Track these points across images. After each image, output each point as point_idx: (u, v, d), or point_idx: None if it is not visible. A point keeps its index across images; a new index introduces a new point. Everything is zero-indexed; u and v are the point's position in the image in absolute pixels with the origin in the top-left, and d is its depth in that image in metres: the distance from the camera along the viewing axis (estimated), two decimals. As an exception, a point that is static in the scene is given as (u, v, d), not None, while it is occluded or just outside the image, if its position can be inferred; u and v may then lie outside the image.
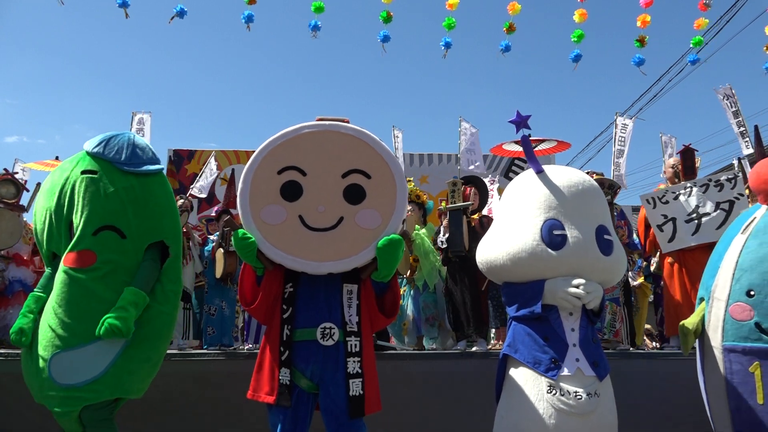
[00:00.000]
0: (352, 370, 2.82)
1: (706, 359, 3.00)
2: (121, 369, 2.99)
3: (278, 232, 2.89)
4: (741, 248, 2.92)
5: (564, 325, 2.92)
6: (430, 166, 11.08)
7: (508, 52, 6.70)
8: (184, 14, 6.10)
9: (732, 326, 2.83)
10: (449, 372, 4.53)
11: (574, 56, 6.67)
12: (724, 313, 2.87)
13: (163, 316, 3.23)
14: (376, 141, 3.01)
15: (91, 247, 3.11)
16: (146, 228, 3.22)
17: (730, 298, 2.86)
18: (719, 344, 2.87)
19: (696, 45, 6.88)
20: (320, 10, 6.27)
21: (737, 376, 2.78)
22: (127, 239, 3.16)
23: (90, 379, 2.93)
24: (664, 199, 5.11)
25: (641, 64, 6.78)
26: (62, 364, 2.96)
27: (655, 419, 4.39)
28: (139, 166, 3.28)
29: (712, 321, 2.94)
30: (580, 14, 6.53)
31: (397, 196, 2.95)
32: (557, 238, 2.91)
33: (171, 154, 10.98)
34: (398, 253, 2.91)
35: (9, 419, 4.32)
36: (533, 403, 2.79)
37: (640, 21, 6.61)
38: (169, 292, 3.27)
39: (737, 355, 2.78)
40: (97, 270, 3.07)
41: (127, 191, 3.20)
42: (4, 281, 5.17)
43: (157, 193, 3.32)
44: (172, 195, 3.46)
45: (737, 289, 2.84)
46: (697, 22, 6.81)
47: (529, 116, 3.28)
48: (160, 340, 3.22)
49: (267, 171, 2.94)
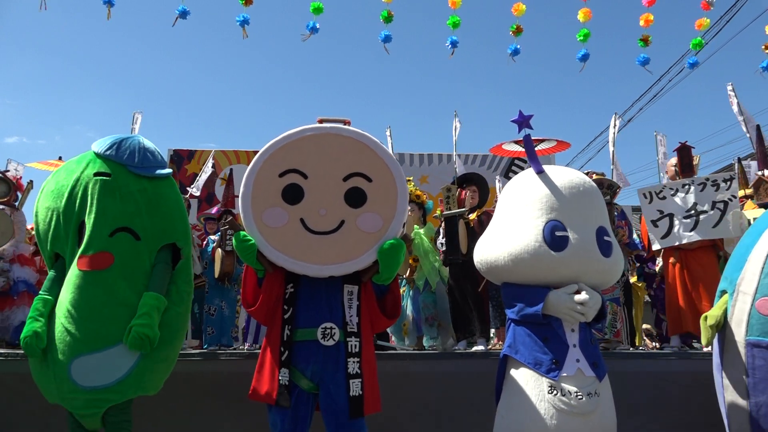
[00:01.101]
0: (351, 371, 2.84)
1: (725, 353, 2.93)
2: (143, 369, 3.05)
3: (280, 235, 2.90)
4: None
5: (564, 326, 2.93)
6: (429, 166, 11.08)
7: (517, 55, 6.53)
8: (187, 15, 6.00)
9: (758, 321, 2.76)
10: (449, 372, 4.53)
11: (582, 56, 6.47)
12: (750, 307, 2.80)
13: (180, 317, 3.31)
14: (378, 144, 3.02)
15: (108, 248, 3.12)
16: (159, 230, 3.27)
17: (757, 292, 2.79)
18: (743, 339, 2.82)
19: (695, 47, 6.77)
20: (319, 11, 6.22)
21: (759, 372, 2.72)
22: (141, 241, 3.20)
23: (114, 381, 2.97)
24: (661, 194, 5.11)
25: (646, 63, 6.59)
26: (85, 367, 2.97)
27: (654, 419, 4.39)
28: (151, 170, 3.33)
29: (735, 314, 2.88)
30: (585, 13, 6.37)
31: (398, 199, 2.96)
32: (559, 239, 2.91)
33: (171, 154, 10.97)
34: (400, 257, 2.93)
35: (9, 419, 4.33)
36: (534, 404, 2.79)
37: (643, 20, 6.46)
38: (184, 293, 3.35)
39: (761, 351, 2.72)
40: (116, 271, 3.10)
41: (141, 193, 3.24)
42: (8, 282, 5.19)
43: (168, 195, 3.38)
44: (181, 198, 3.52)
45: (765, 283, 2.78)
46: (698, 22, 6.66)
47: (531, 116, 3.28)
48: (177, 339, 3.30)
49: (268, 174, 2.95)
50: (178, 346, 3.34)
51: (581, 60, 6.49)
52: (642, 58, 6.55)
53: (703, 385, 3.54)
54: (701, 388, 3.68)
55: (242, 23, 6.14)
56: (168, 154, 10.97)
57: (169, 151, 10.99)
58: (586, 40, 6.41)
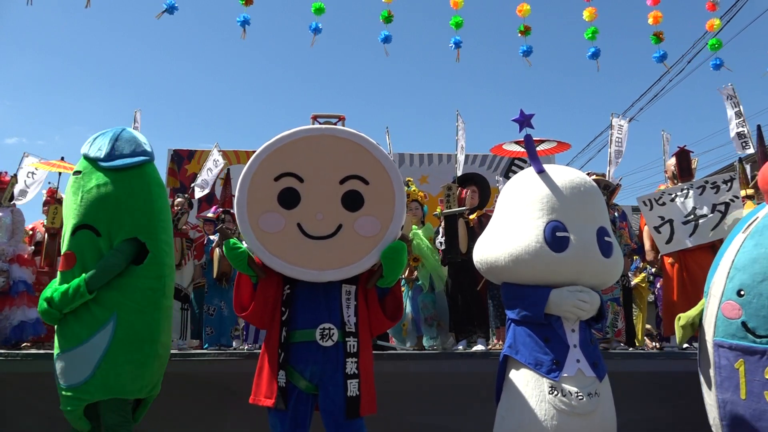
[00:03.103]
0: (349, 371, 2.83)
1: (701, 352, 3.10)
2: (106, 371, 3.03)
3: (277, 240, 2.88)
4: (739, 247, 2.96)
5: (565, 327, 2.93)
6: (429, 166, 11.06)
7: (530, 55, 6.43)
8: (174, 10, 5.81)
9: (722, 323, 2.91)
10: (449, 372, 4.53)
11: (592, 53, 6.36)
12: (717, 309, 2.94)
13: (143, 316, 3.16)
14: (374, 145, 2.98)
15: (72, 248, 3.18)
16: (118, 224, 3.18)
17: (723, 296, 2.93)
18: (711, 339, 2.96)
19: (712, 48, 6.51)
20: (321, 12, 6.19)
21: (724, 371, 2.87)
22: (101, 237, 3.17)
23: (83, 380, 3.03)
24: (660, 200, 5.12)
25: (664, 59, 6.47)
26: (63, 366, 3.09)
27: (654, 419, 4.39)
28: (118, 162, 3.24)
29: (707, 316, 3.03)
30: (590, 12, 6.29)
31: (395, 202, 2.94)
32: (560, 239, 2.91)
33: (171, 154, 10.95)
34: (403, 260, 2.93)
35: (10, 419, 4.33)
36: (535, 404, 2.79)
37: (652, 18, 6.35)
38: (147, 291, 3.19)
39: (725, 351, 2.88)
40: (78, 270, 3.12)
41: (99, 188, 3.19)
42: (8, 281, 5.19)
43: (134, 187, 3.25)
44: (152, 188, 3.33)
45: (730, 287, 2.90)
46: (709, 23, 6.51)
47: (532, 115, 3.28)
48: (141, 341, 3.14)
49: (264, 178, 2.92)
50: (145, 347, 3.16)
51: (592, 58, 6.37)
52: (659, 53, 6.39)
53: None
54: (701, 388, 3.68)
55: (243, 24, 6.10)
56: (168, 154, 10.97)
57: (169, 151, 10.98)
58: (595, 37, 6.32)
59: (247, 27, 6.12)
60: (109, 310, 3.08)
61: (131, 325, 3.11)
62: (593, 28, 6.29)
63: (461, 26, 6.39)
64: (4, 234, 5.29)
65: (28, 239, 5.73)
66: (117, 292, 3.12)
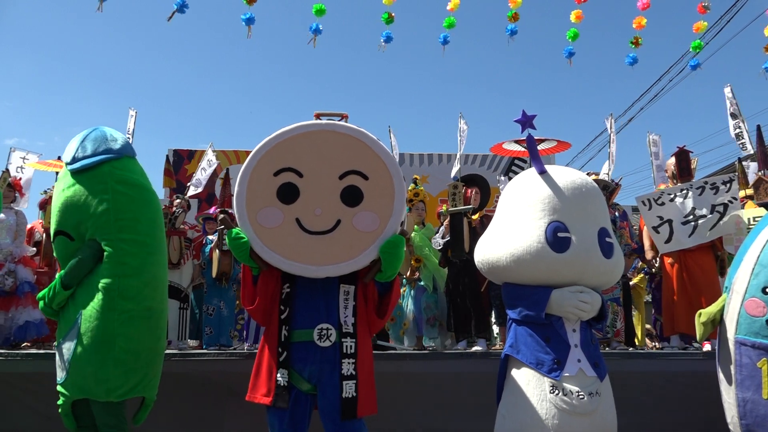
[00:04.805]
0: (346, 372, 2.81)
1: (721, 349, 3.03)
2: (77, 372, 3.04)
3: (275, 235, 2.87)
4: (765, 243, 2.89)
5: (566, 326, 2.93)
6: (430, 166, 11.06)
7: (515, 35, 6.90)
8: (185, 9, 5.77)
9: (745, 320, 2.83)
10: (449, 372, 4.53)
11: (568, 53, 6.98)
12: (740, 306, 2.87)
13: (99, 316, 3.02)
14: (374, 141, 2.97)
15: (55, 253, 3.28)
16: (86, 226, 3.16)
17: (747, 293, 2.85)
18: (732, 336, 2.89)
19: (695, 49, 6.98)
20: (321, 13, 6.19)
21: (746, 369, 2.80)
22: (74, 241, 3.19)
23: (63, 378, 3.09)
24: (660, 200, 5.12)
25: (634, 63, 7.05)
26: (56, 362, 3.15)
27: (654, 419, 4.39)
28: (75, 163, 3.19)
29: (729, 312, 2.95)
30: (576, 15, 6.77)
31: (395, 197, 2.92)
32: (561, 240, 2.90)
33: (171, 154, 10.94)
34: (401, 252, 2.91)
35: (10, 419, 4.32)
36: (536, 404, 2.79)
37: (636, 24, 6.82)
38: (102, 291, 3.05)
39: (747, 349, 2.80)
40: (60, 273, 3.17)
41: (64, 192, 3.20)
42: (15, 282, 5.23)
43: (93, 186, 3.15)
44: (115, 186, 3.17)
45: (755, 284, 2.84)
46: (696, 25, 6.89)
47: (534, 115, 3.27)
48: (98, 342, 3.00)
49: (263, 173, 2.91)
50: (105, 352, 3.00)
51: (567, 57, 6.99)
52: (631, 58, 6.95)
53: (703, 384, 3.54)
54: (701, 387, 3.69)
55: (247, 22, 6.10)
56: (168, 154, 10.95)
57: (169, 151, 10.97)
58: (575, 39, 6.88)
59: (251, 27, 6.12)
60: (77, 308, 3.09)
61: (89, 326, 3.02)
62: (574, 30, 6.84)
63: (453, 27, 6.75)
64: (8, 235, 5.31)
65: (27, 239, 5.73)
66: (83, 291, 3.12)
